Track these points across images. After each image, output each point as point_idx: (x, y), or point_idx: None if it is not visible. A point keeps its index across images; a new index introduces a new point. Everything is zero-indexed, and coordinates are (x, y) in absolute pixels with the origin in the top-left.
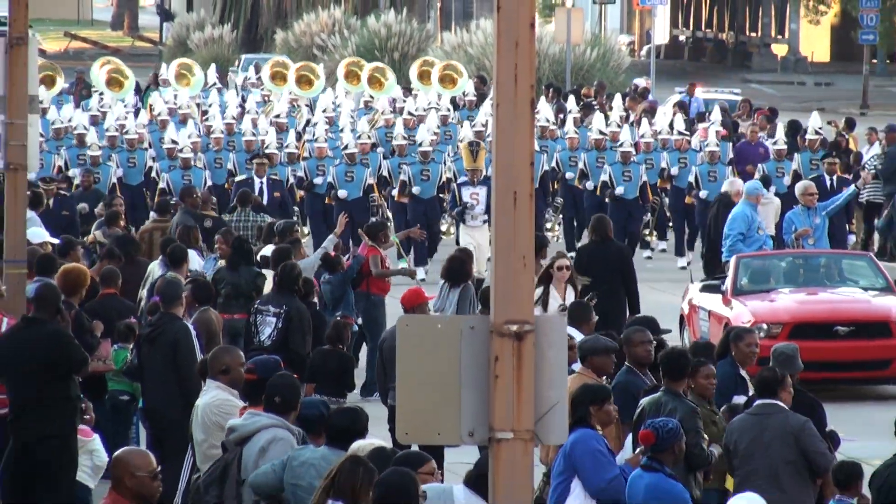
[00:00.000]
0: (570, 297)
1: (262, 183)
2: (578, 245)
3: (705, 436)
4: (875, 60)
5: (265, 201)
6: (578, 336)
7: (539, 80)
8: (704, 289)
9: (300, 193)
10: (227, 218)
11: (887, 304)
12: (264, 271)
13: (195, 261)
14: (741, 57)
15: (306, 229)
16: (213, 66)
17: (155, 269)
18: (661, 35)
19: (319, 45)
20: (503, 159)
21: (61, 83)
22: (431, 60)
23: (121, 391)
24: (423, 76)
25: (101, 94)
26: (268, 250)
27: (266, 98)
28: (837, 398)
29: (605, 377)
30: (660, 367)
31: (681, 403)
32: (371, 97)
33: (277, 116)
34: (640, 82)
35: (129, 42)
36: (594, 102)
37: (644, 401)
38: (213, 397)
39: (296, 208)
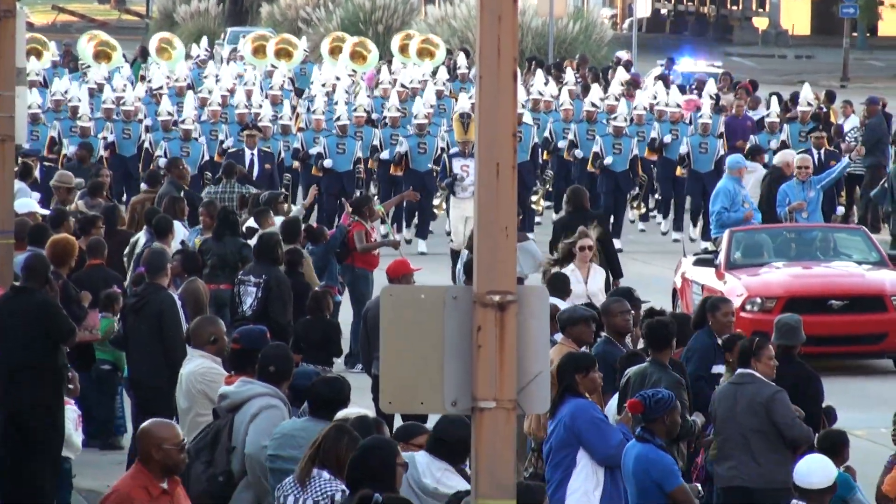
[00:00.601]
0: (595, 277)
1: (252, 155)
2: (555, 217)
3: (688, 405)
4: (855, 34)
5: (255, 174)
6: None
7: (522, 53)
8: (697, 262)
9: (296, 164)
10: (212, 189)
11: (881, 278)
12: (250, 242)
13: (180, 232)
14: (722, 30)
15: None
16: (204, 39)
17: (140, 239)
18: (643, 9)
19: (304, 19)
20: (486, 132)
21: (49, 56)
22: (412, 34)
23: (103, 360)
24: (404, 49)
25: (88, 66)
26: (253, 221)
27: (269, 74)
28: (831, 371)
29: (584, 346)
30: (643, 338)
31: (665, 374)
32: (354, 71)
33: (271, 88)
34: (623, 55)
35: (115, 15)
36: (577, 76)
37: (630, 371)
38: (198, 365)
39: (288, 175)
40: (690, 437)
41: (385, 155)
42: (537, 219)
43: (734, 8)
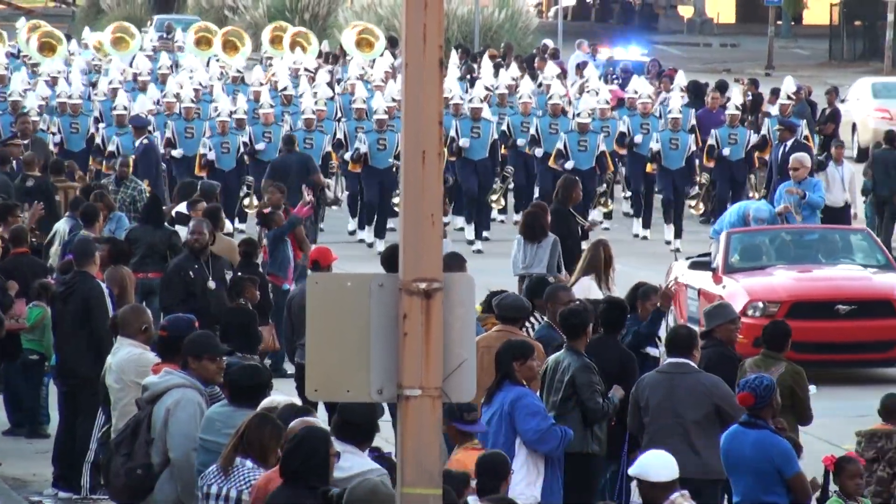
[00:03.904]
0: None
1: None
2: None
3: (599, 388)
4: (780, 22)
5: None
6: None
7: (448, 40)
8: (693, 266)
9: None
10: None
11: (890, 282)
12: (178, 229)
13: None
14: (648, 18)
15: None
16: (152, 29)
17: (61, 227)
18: None
19: (231, 6)
20: (412, 119)
21: (2, 49)
22: (284, 25)
23: (31, 350)
24: (362, 44)
25: (31, 58)
26: (182, 207)
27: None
28: (836, 381)
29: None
30: (560, 326)
31: (576, 359)
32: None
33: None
34: (549, 43)
35: (42, 2)
36: (502, 63)
37: (549, 359)
38: (130, 353)
39: (249, 178)
40: (603, 419)
41: (348, 156)
42: (499, 217)
43: None
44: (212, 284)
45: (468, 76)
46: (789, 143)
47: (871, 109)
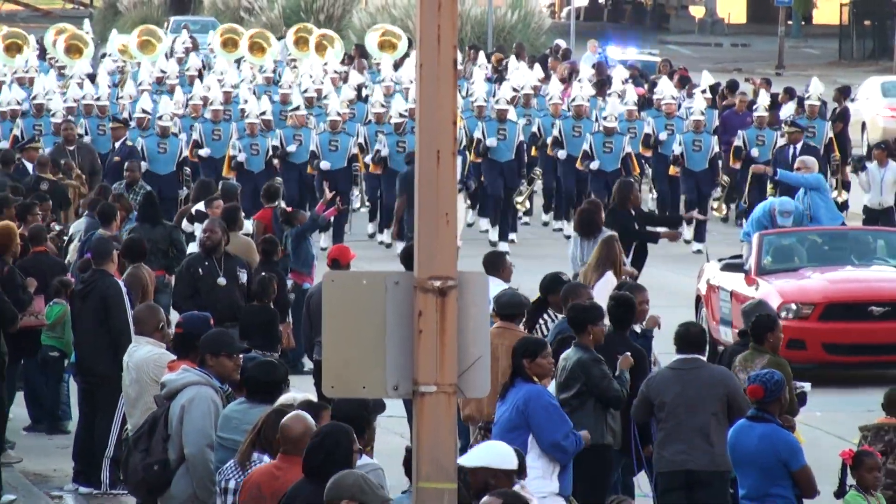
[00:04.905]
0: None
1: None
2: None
3: (610, 375)
4: (790, 22)
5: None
6: (498, 285)
7: (461, 41)
8: (725, 268)
9: (276, 162)
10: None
11: None
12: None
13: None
14: (659, 18)
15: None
16: (184, 33)
17: (79, 226)
18: None
19: (247, 8)
20: (426, 118)
21: (28, 52)
22: (310, 27)
23: (51, 347)
24: (385, 45)
25: (58, 61)
26: (200, 206)
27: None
28: (845, 377)
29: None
30: (568, 322)
31: (583, 353)
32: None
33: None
34: (562, 43)
35: (60, 4)
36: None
37: (563, 355)
38: (149, 352)
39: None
40: (626, 398)
41: (368, 158)
42: (525, 218)
43: None
44: (221, 281)
45: (496, 76)
46: (799, 144)
47: (881, 108)
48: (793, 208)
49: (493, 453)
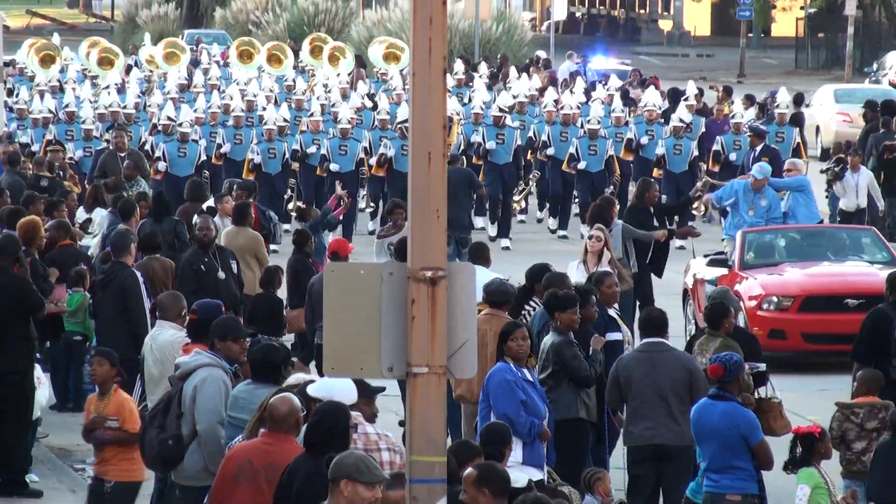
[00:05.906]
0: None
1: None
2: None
3: (582, 355)
4: (751, 35)
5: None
6: (485, 273)
7: (451, 52)
8: (710, 263)
9: (294, 165)
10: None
11: None
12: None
13: (101, 216)
14: (631, 31)
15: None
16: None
17: (103, 221)
18: (559, 12)
19: (254, 21)
20: (419, 123)
21: (60, 63)
22: (324, 37)
23: (74, 332)
24: (389, 57)
25: (90, 72)
26: (211, 202)
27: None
28: (796, 361)
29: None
30: (545, 308)
31: (557, 336)
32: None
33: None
34: (542, 54)
35: (83, 19)
36: (499, 74)
37: (543, 339)
38: (173, 336)
39: (293, 180)
40: (597, 377)
41: (373, 160)
42: (520, 217)
43: (642, 11)
44: (221, 275)
45: (469, 84)
46: (758, 148)
47: (833, 113)
48: (768, 173)
49: (332, 386)
